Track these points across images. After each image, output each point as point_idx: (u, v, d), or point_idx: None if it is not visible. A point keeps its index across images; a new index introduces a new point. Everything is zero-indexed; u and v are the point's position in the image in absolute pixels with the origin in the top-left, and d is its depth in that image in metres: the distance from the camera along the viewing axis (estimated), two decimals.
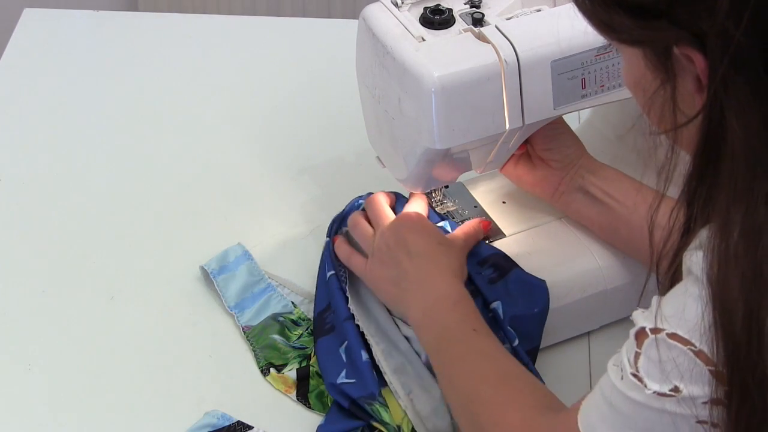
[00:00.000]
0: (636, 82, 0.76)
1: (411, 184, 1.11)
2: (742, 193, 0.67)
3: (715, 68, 0.66)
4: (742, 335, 0.68)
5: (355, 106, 1.15)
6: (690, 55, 0.68)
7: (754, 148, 0.66)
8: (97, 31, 1.55)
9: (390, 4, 1.04)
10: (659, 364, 0.71)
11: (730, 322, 0.68)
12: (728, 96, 0.66)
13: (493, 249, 1.09)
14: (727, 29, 0.64)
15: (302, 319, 1.12)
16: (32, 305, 1.14)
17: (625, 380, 0.74)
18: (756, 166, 0.67)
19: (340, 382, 1.02)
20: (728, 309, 0.68)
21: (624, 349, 0.75)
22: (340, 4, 2.39)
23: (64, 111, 1.41)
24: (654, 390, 0.72)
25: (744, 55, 0.65)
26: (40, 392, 1.06)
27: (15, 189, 1.29)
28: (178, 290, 1.16)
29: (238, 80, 1.47)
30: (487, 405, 0.91)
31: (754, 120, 0.66)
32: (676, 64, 0.70)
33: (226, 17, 1.69)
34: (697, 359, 0.70)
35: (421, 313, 1.00)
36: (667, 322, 0.71)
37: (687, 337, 0.70)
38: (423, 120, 0.99)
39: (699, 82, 0.69)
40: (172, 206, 1.27)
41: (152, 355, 1.09)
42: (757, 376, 0.68)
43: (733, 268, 0.68)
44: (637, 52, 0.73)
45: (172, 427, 1.02)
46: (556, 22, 1.00)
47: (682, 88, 0.71)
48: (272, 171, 1.32)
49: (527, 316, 1.03)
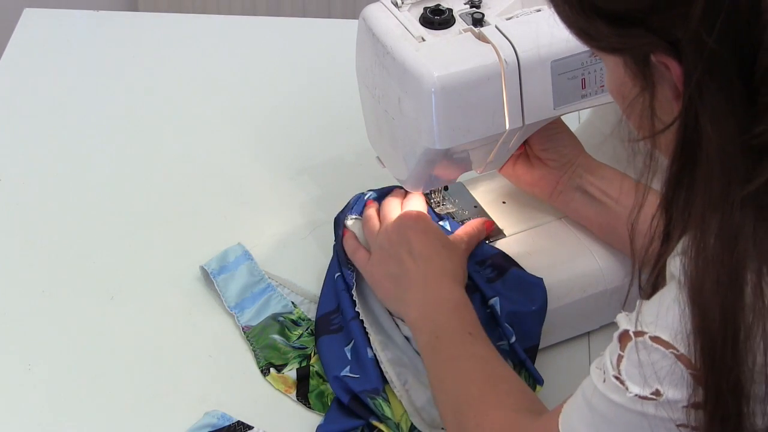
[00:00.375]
0: (617, 89, 0.76)
1: (411, 184, 1.11)
2: (718, 199, 0.68)
3: (689, 75, 0.66)
4: (717, 339, 0.68)
5: (355, 106, 1.15)
6: (666, 62, 0.68)
7: (729, 153, 0.67)
8: (97, 31, 1.55)
9: (390, 4, 1.04)
10: (641, 367, 0.72)
11: (706, 326, 0.68)
12: (703, 102, 0.66)
13: (493, 249, 1.09)
14: (700, 36, 0.64)
15: (302, 319, 1.12)
16: (32, 305, 1.14)
17: (607, 382, 0.75)
18: (730, 172, 0.67)
19: (343, 375, 1.02)
20: (705, 313, 0.68)
21: (607, 351, 0.76)
22: (340, 4, 2.39)
23: (64, 111, 1.41)
24: (635, 393, 0.72)
25: (717, 62, 0.65)
26: (40, 392, 1.06)
27: (15, 189, 1.29)
28: (178, 290, 1.16)
29: (238, 80, 1.47)
30: (471, 406, 0.92)
31: (728, 126, 0.66)
32: (654, 71, 0.71)
33: (226, 17, 1.69)
34: (678, 363, 0.70)
35: (418, 314, 1.01)
36: (650, 325, 0.72)
37: (669, 341, 0.71)
38: (423, 120, 0.99)
39: (676, 89, 0.70)
40: (172, 206, 1.27)
41: (152, 355, 1.09)
42: (731, 380, 0.69)
43: (710, 273, 0.68)
44: (618, 60, 0.73)
45: (172, 427, 1.02)
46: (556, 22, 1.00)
47: (661, 95, 0.72)
48: (272, 171, 1.32)
49: (525, 313, 1.03)
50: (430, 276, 1.02)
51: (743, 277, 0.67)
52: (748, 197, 0.67)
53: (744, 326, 0.68)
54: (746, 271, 0.67)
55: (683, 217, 0.71)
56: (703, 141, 0.67)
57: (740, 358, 0.68)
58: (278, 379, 1.07)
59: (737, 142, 0.66)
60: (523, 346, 1.03)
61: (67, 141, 1.36)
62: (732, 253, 0.67)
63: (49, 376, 1.07)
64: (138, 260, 1.20)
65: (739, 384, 0.69)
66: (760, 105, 0.65)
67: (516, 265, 1.07)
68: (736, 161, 0.67)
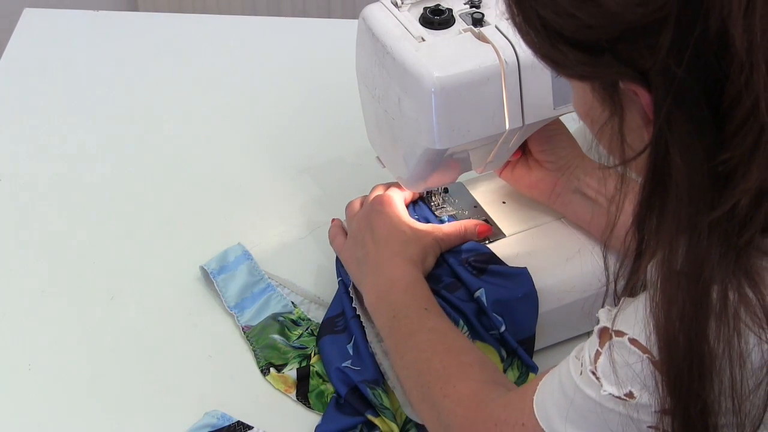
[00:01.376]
0: (585, 112, 0.76)
1: (411, 184, 1.11)
2: (686, 225, 0.68)
3: (659, 105, 0.66)
4: (683, 367, 0.68)
5: (355, 106, 1.15)
6: (635, 90, 0.68)
7: (697, 182, 0.67)
8: (97, 31, 1.55)
9: (390, 4, 1.04)
10: (617, 367, 0.72)
11: (673, 350, 0.69)
12: (672, 132, 0.66)
13: (483, 248, 1.09)
14: (669, 66, 0.64)
15: (302, 319, 1.12)
16: (32, 305, 1.15)
17: (584, 375, 0.75)
18: (698, 199, 0.67)
19: (344, 366, 1.03)
20: (671, 337, 0.69)
21: (587, 344, 0.76)
22: (340, 4, 2.39)
23: (64, 111, 1.41)
24: (609, 392, 0.73)
25: (686, 92, 0.65)
26: (40, 392, 1.06)
27: (15, 189, 1.29)
28: (178, 290, 1.16)
29: (238, 80, 1.47)
30: (436, 377, 0.93)
31: (696, 154, 0.66)
32: (623, 97, 0.71)
33: (226, 17, 1.70)
34: (654, 369, 0.71)
35: (374, 297, 1.03)
36: (629, 327, 0.72)
37: (647, 346, 0.71)
38: (423, 120, 0.99)
39: (645, 115, 0.70)
40: (172, 206, 1.27)
41: (152, 355, 1.09)
42: (698, 406, 0.69)
43: (675, 299, 0.68)
44: (585, 85, 0.73)
45: (172, 427, 1.02)
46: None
47: (630, 120, 0.71)
48: (272, 171, 1.32)
49: (512, 300, 1.04)
50: (383, 258, 1.04)
51: (708, 300, 0.67)
52: (714, 223, 0.67)
53: (709, 353, 0.68)
54: (711, 298, 0.67)
55: (655, 238, 0.71)
56: (672, 169, 0.67)
57: (706, 384, 0.69)
58: (278, 378, 1.07)
59: (704, 169, 0.66)
60: (517, 338, 1.03)
61: (67, 141, 1.36)
62: (698, 282, 0.68)
63: (49, 376, 1.07)
64: (138, 260, 1.20)
65: (707, 408, 0.69)
66: (726, 132, 0.65)
67: (499, 263, 1.07)
68: (703, 188, 0.67)
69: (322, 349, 1.07)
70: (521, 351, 1.03)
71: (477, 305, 1.04)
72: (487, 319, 1.03)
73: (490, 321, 1.03)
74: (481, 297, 1.03)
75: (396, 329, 0.99)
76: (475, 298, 1.04)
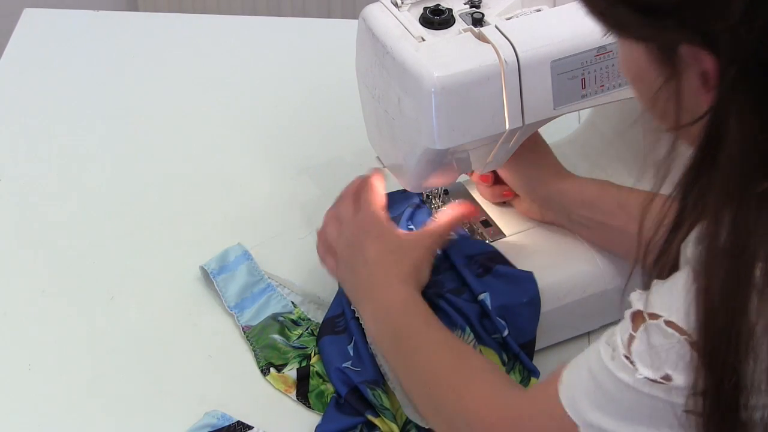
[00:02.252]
0: (637, 76, 0.75)
1: (411, 184, 1.11)
2: (734, 194, 0.67)
3: (725, 71, 0.66)
4: (720, 341, 0.68)
5: (355, 106, 1.15)
6: (698, 54, 0.67)
7: (750, 152, 0.66)
8: (97, 31, 1.55)
9: (390, 4, 1.04)
10: (653, 350, 0.71)
11: (711, 323, 0.68)
12: (733, 99, 0.66)
13: (486, 246, 1.09)
14: (739, 32, 0.64)
15: (302, 319, 1.12)
16: (32, 305, 1.15)
17: (617, 360, 0.74)
18: (750, 171, 0.67)
19: (344, 366, 1.03)
20: (711, 310, 0.68)
21: (618, 329, 0.75)
22: (340, 4, 2.39)
23: (64, 111, 1.41)
24: (645, 375, 0.72)
25: (752, 62, 0.65)
26: (40, 392, 1.06)
27: (15, 189, 1.29)
28: (178, 290, 1.16)
29: (238, 80, 1.47)
30: (446, 383, 0.92)
31: (753, 124, 0.66)
32: (680, 60, 0.69)
33: (226, 17, 1.69)
34: (691, 350, 0.70)
35: (372, 323, 1.02)
36: (664, 309, 0.71)
37: (684, 327, 0.70)
38: (423, 120, 0.99)
39: (704, 80, 0.68)
40: (172, 206, 1.27)
41: (152, 356, 1.09)
42: (732, 380, 0.68)
43: (719, 269, 0.68)
44: (640, 47, 0.72)
45: (172, 427, 1.02)
46: (556, 22, 1.00)
47: (686, 85, 0.70)
48: (272, 171, 1.32)
49: (516, 305, 1.03)
50: (376, 283, 1.02)
51: (752, 275, 0.67)
52: (764, 195, 0.66)
53: (748, 328, 0.67)
54: (755, 269, 0.67)
55: (697, 208, 0.71)
56: (727, 136, 0.67)
57: (742, 359, 0.68)
58: (278, 378, 1.07)
59: (759, 140, 0.66)
60: (518, 341, 1.03)
61: (67, 141, 1.36)
62: (744, 251, 0.67)
63: (49, 376, 1.07)
64: (138, 260, 1.20)
65: (740, 382, 0.68)
66: None
67: (505, 262, 1.07)
68: (756, 159, 0.66)
69: (322, 349, 1.07)
70: (523, 355, 1.03)
71: (480, 308, 1.03)
72: (490, 323, 1.03)
73: (494, 325, 1.03)
74: (485, 300, 1.03)
75: (399, 350, 0.98)
76: (479, 301, 1.04)
